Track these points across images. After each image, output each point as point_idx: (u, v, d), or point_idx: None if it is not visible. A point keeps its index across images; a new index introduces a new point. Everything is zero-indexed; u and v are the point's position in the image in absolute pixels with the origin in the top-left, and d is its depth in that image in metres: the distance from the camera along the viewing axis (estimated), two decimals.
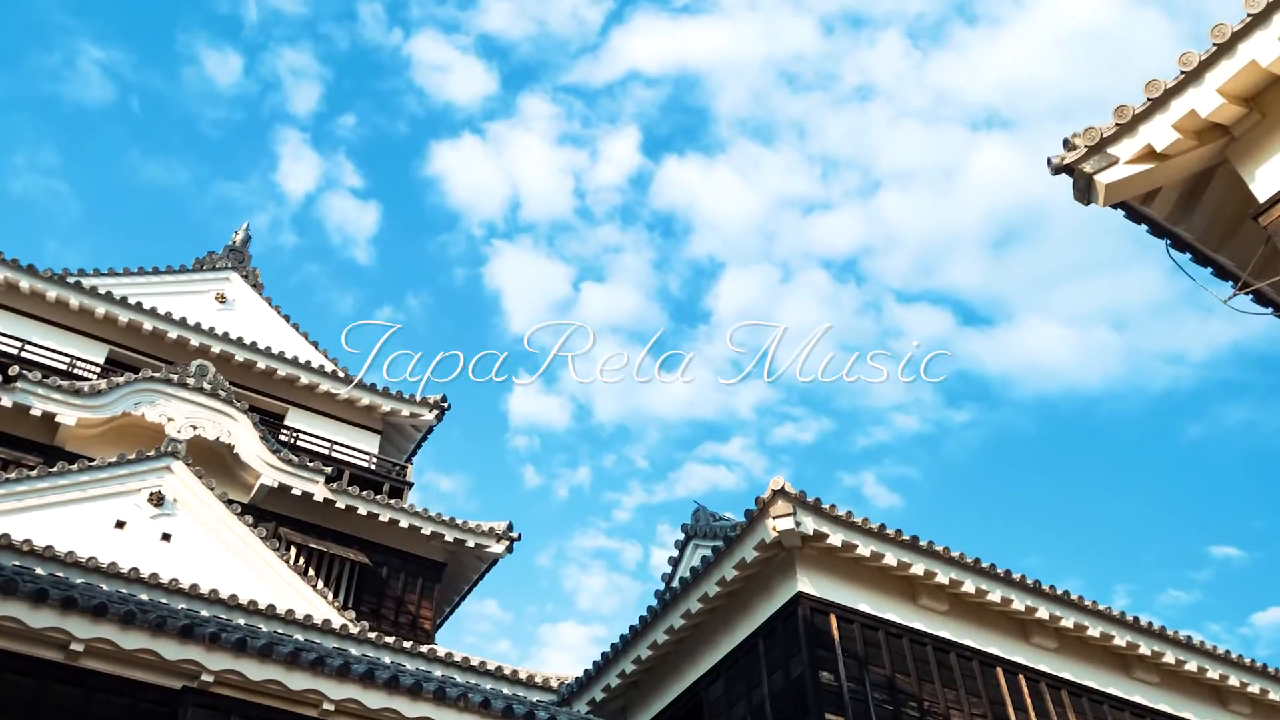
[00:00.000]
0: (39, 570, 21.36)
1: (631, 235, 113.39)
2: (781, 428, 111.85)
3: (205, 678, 18.06)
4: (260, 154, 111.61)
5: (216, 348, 37.93)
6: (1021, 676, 25.32)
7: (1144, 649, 26.68)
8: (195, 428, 32.77)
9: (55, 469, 27.95)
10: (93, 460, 28.84)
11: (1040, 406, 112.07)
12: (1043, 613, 25.48)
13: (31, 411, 30.89)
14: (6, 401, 30.59)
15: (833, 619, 23.29)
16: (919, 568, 24.21)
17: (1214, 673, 27.39)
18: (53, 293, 35.97)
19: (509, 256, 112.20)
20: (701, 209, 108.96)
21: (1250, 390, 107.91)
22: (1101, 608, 26.33)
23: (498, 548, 35.86)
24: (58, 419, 31.18)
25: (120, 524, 27.97)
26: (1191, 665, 27.15)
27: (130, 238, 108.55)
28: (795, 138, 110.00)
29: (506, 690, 25.13)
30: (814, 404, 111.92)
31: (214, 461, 33.32)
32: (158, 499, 28.71)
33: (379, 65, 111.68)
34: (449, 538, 35.37)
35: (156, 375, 33.05)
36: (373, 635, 27.06)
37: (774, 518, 22.90)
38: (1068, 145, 14.56)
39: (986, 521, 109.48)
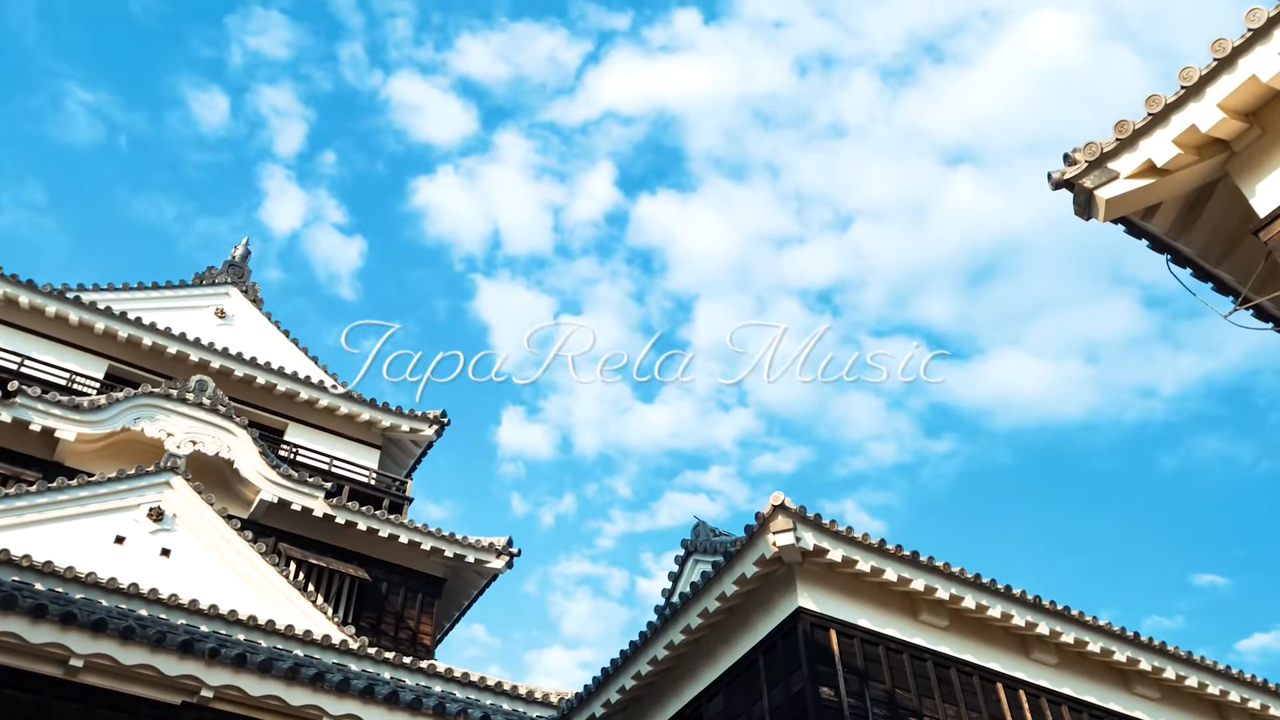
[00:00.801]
0: (38, 586, 21.36)
1: (610, 269, 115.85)
2: (761, 457, 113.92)
3: (205, 693, 18.07)
4: (246, 190, 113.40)
5: (216, 363, 37.93)
6: (1022, 692, 25.26)
7: (1145, 664, 26.64)
8: (195, 443, 32.77)
9: (55, 484, 27.93)
10: (92, 476, 28.82)
11: (1017, 437, 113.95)
12: (1043, 628, 25.43)
13: (31, 427, 30.88)
14: (6, 417, 30.58)
15: (833, 634, 23.24)
16: (919, 583, 24.17)
17: (1214, 688, 27.33)
18: (52, 308, 35.98)
19: (493, 290, 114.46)
20: (677, 244, 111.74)
21: (1222, 423, 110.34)
22: (1102, 623, 26.29)
23: (497, 563, 35.83)
24: (57, 434, 31.17)
25: (120, 539, 27.95)
26: (1192, 681, 27.10)
27: (115, 271, 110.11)
28: (769, 174, 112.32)
29: (506, 706, 25.10)
30: (794, 434, 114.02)
31: (214, 477, 33.32)
32: (157, 514, 28.69)
33: (359, 105, 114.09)
34: (449, 553, 35.34)
35: (156, 390, 33.04)
36: (372, 651, 27.01)
37: (774, 533, 22.86)
38: (1068, 160, 14.56)
39: (966, 549, 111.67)
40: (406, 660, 27.60)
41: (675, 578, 32.54)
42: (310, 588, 30.04)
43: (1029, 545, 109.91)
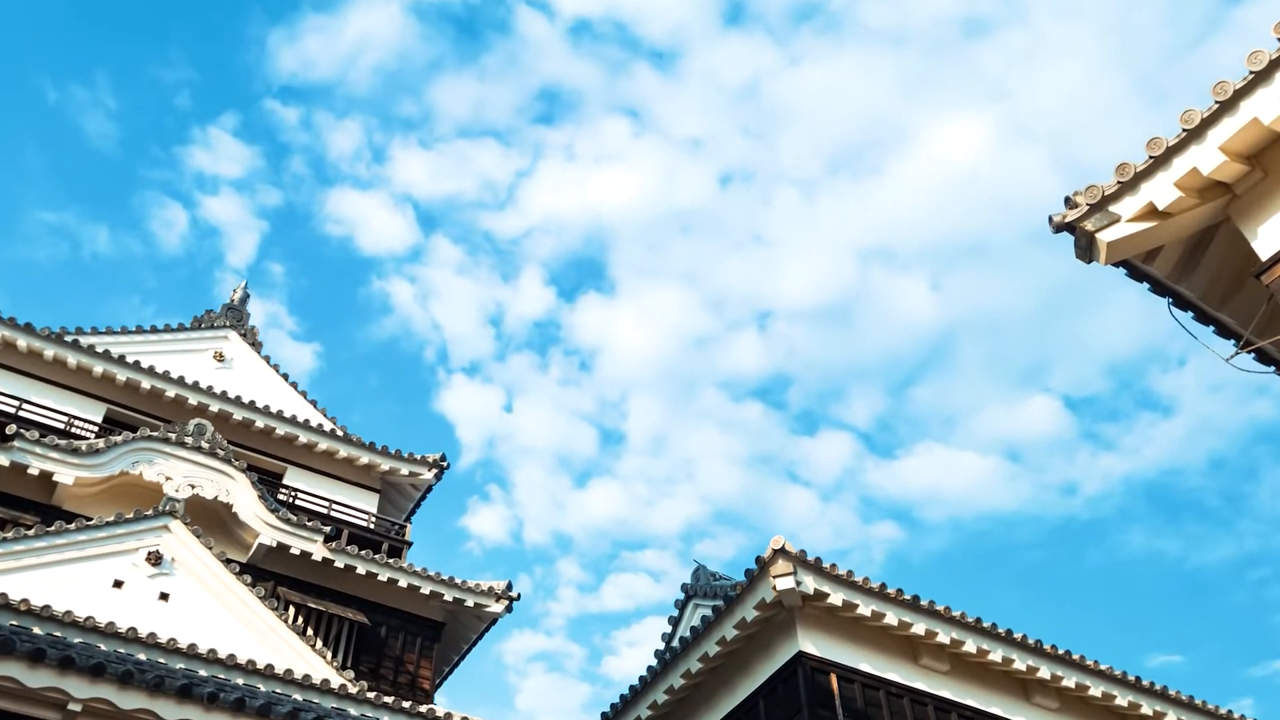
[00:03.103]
0: (36, 630, 21.28)
1: (549, 366, 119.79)
2: (701, 543, 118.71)
3: None
4: (204, 300, 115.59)
5: (215, 406, 37.90)
6: None
7: (1145, 709, 26.59)
8: (193, 487, 32.69)
9: (53, 528, 27.83)
10: (90, 519, 28.74)
11: (952, 527, 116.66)
12: (1044, 672, 25.40)
13: (29, 470, 30.80)
14: (4, 460, 30.50)
15: (834, 679, 23.20)
16: (920, 627, 24.14)
17: None
18: (50, 351, 35.97)
19: (448, 390, 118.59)
20: (610, 344, 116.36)
21: (1145, 520, 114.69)
22: (1103, 667, 26.25)
23: (497, 607, 35.71)
24: (55, 478, 31.08)
25: (118, 583, 27.84)
26: None
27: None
28: (694, 278, 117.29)
29: None
30: (731, 521, 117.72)
31: (212, 521, 33.25)
32: (156, 558, 28.60)
33: (306, 218, 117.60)
34: (448, 597, 35.21)
35: (154, 434, 32.98)
36: (371, 695, 26.86)
37: (775, 577, 22.86)
38: (1069, 203, 14.57)
39: None
40: (405, 704, 27.47)
41: (675, 622, 32.47)
42: (309, 632, 29.89)
43: None
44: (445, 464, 41.21)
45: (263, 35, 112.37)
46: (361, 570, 34.25)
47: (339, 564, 33.94)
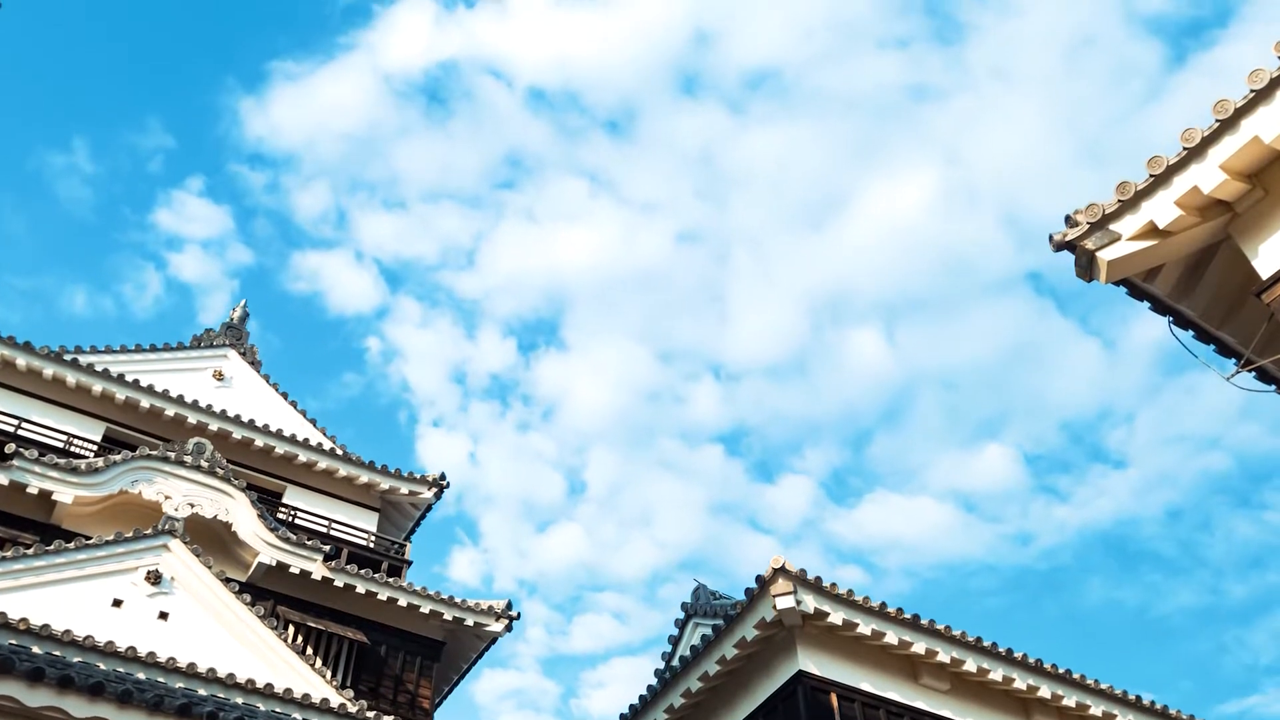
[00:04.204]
0: (36, 649, 21.26)
1: (512, 417, 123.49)
2: (664, 588, 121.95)
3: None
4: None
5: (214, 425, 37.89)
6: None
7: None
8: (193, 506, 32.66)
9: (52, 547, 27.80)
10: (90, 539, 28.69)
11: (910, 574, 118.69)
12: (1045, 691, 25.34)
13: (28, 490, 30.75)
14: (3, 479, 30.47)
15: (834, 698, 23.15)
16: (920, 646, 24.10)
17: None
18: (50, 370, 35.96)
19: (421, 438, 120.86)
20: (570, 398, 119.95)
21: (1103, 570, 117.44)
22: (1103, 686, 26.20)
23: (496, 626, 35.66)
24: (55, 497, 31.03)
25: (117, 602, 27.80)
26: None
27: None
28: (651, 334, 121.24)
29: None
30: (692, 567, 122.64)
31: (212, 540, 33.22)
32: (155, 577, 28.56)
33: (275, 278, 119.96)
34: (448, 616, 35.16)
35: (154, 453, 32.96)
36: (371, 714, 26.83)
37: (775, 596, 22.83)
38: (1069, 222, 14.56)
39: None
40: None
41: (675, 641, 32.41)
42: (309, 651, 29.84)
43: None
44: (445, 483, 41.20)
45: (235, 104, 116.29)
46: (361, 589, 34.20)
47: (338, 583, 33.89)
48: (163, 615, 28.27)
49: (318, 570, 33.69)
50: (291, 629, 32.87)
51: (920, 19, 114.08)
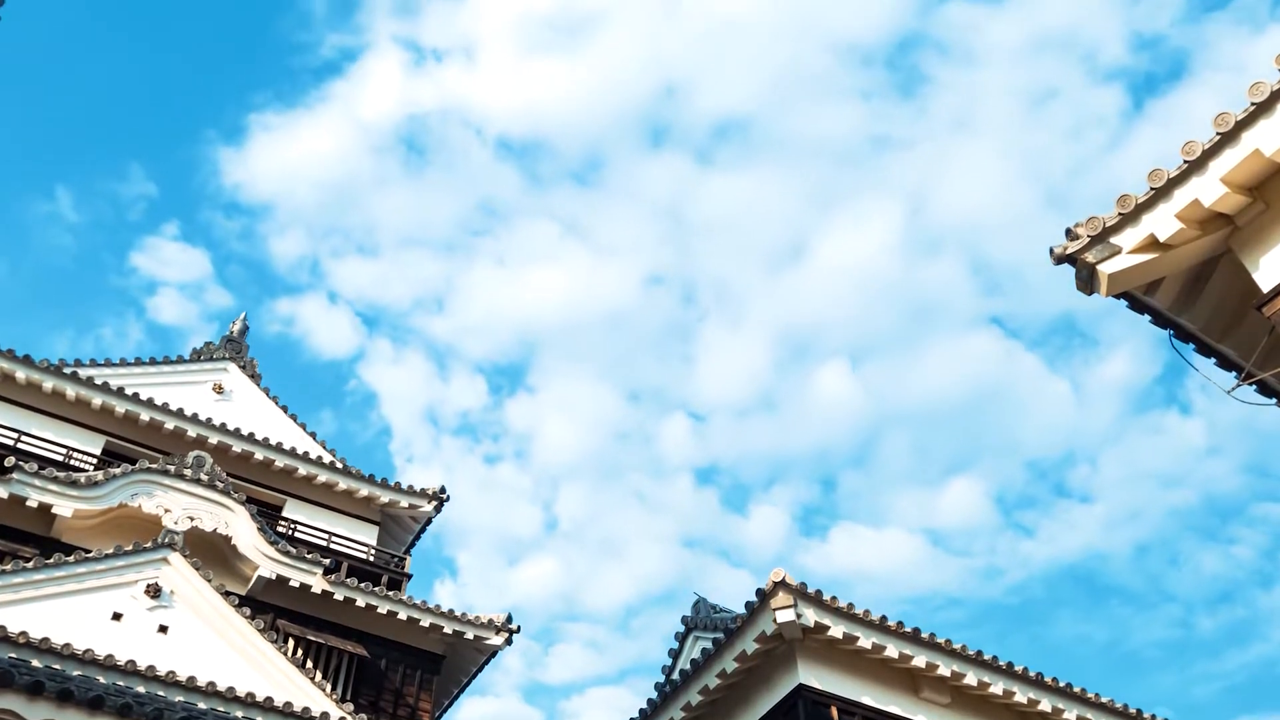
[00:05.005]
0: (35, 662, 21.24)
1: (486, 454, 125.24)
2: (639, 619, 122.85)
3: None
4: None
5: (214, 438, 37.88)
6: None
7: None
8: (192, 519, 32.65)
9: (52, 560, 27.79)
10: (89, 552, 28.71)
11: (879, 606, 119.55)
12: (1045, 705, 25.29)
13: (28, 503, 30.74)
14: (3, 493, 30.46)
15: (834, 712, 23.11)
16: (921, 660, 24.06)
17: None
18: (49, 383, 35.96)
19: (401, 475, 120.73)
20: (541, 435, 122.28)
21: (1070, 604, 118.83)
22: (1104, 700, 26.14)
23: (497, 640, 35.64)
24: (54, 510, 31.02)
25: (117, 616, 27.79)
26: None
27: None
28: (621, 374, 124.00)
29: None
30: (668, 601, 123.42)
31: (211, 553, 33.20)
32: (155, 591, 28.54)
33: (254, 322, 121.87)
34: (448, 630, 35.13)
35: (154, 466, 32.94)
36: None
37: (775, 609, 22.79)
38: (1070, 235, 14.56)
39: None
40: None
41: (675, 654, 32.36)
42: (309, 665, 29.81)
43: None
44: (445, 496, 41.20)
45: (215, 154, 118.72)
46: (361, 603, 34.18)
47: (338, 596, 33.87)
48: (162, 629, 28.26)
49: (318, 584, 33.66)
50: (291, 642, 32.84)
51: (882, 72, 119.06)
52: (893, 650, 23.80)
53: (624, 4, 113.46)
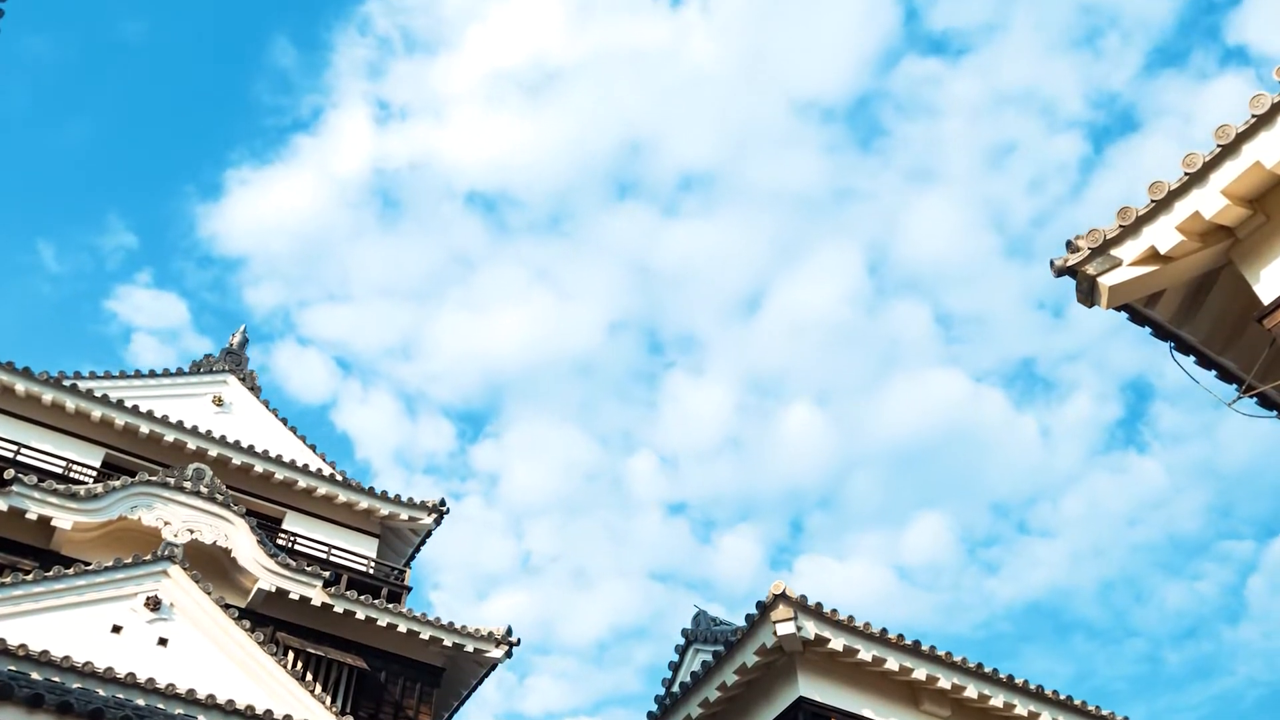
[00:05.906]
0: (35, 675, 21.22)
1: (455, 492, 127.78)
2: (611, 651, 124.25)
3: None
4: None
5: (214, 451, 37.85)
6: None
7: None
8: (192, 531, 32.61)
9: (51, 573, 27.77)
10: (89, 564, 28.66)
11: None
12: (1045, 718, 25.28)
13: (27, 515, 30.70)
14: (2, 505, 30.42)
15: None
16: (921, 672, 24.05)
17: None
18: (49, 395, 35.93)
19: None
20: (509, 477, 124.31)
21: (1036, 638, 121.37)
22: (1105, 713, 26.13)
23: (497, 652, 35.57)
24: (54, 523, 30.99)
25: (117, 628, 27.76)
26: None
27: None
28: (588, 416, 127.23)
29: None
30: (638, 634, 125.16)
31: (211, 566, 33.15)
32: (154, 603, 28.51)
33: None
34: (448, 642, 35.07)
35: (153, 479, 32.92)
36: None
37: (775, 622, 22.78)
38: (1070, 247, 14.54)
39: None
40: None
41: (675, 667, 32.34)
42: (308, 677, 29.77)
43: None
44: (445, 509, 41.18)
45: (192, 208, 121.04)
46: (361, 615, 34.12)
47: (338, 609, 33.82)
48: (162, 641, 28.22)
49: (317, 596, 33.62)
50: (291, 655, 32.78)
51: (843, 127, 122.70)
52: (893, 663, 23.79)
53: (588, 62, 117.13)
